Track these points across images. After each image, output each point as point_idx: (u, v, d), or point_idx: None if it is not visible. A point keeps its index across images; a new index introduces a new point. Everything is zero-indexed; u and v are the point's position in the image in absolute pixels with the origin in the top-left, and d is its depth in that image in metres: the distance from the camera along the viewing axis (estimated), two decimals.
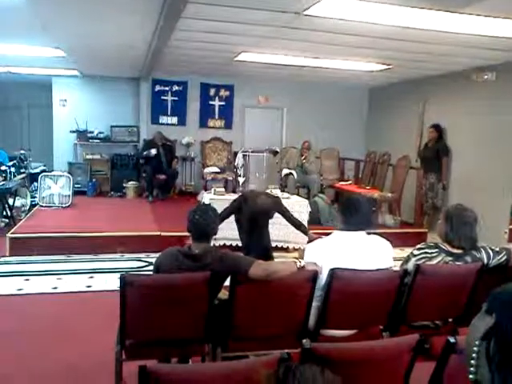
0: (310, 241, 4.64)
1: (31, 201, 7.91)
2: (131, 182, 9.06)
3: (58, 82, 9.44)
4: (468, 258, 2.68)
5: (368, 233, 2.72)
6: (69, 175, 7.90)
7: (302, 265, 2.60)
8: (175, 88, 9.50)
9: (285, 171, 8.61)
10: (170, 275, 2.54)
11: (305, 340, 1.72)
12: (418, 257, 2.72)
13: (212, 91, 9.66)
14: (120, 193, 9.07)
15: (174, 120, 9.61)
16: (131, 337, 2.50)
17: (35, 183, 8.06)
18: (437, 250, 2.71)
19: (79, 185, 8.79)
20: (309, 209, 6.27)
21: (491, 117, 6.69)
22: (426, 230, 7.16)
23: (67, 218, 7.02)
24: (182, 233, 2.84)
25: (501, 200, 6.27)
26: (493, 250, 2.75)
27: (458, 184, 7.25)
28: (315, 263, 2.58)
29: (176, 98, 9.54)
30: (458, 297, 2.71)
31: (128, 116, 9.55)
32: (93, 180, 9.12)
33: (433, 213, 7.34)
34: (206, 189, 8.22)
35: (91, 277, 5.11)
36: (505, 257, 2.75)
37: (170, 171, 8.83)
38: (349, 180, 8.92)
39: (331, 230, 2.81)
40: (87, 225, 6.47)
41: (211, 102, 9.70)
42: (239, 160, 7.85)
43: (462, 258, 2.68)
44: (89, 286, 4.84)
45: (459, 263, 2.67)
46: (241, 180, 6.89)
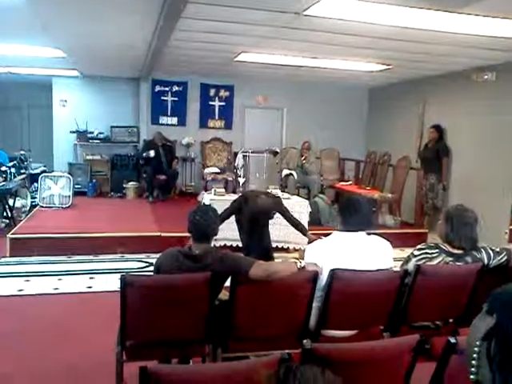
0: (310, 242, 4.66)
1: (31, 201, 7.91)
2: (131, 183, 9.06)
3: (58, 83, 9.44)
4: (468, 259, 2.68)
5: (368, 233, 2.72)
6: (69, 176, 7.91)
7: (303, 265, 2.60)
8: (175, 88, 9.50)
9: (285, 172, 8.62)
10: (171, 276, 2.54)
11: (305, 340, 1.72)
12: (419, 257, 2.72)
13: (212, 91, 9.66)
14: (120, 193, 9.06)
15: (174, 120, 9.61)
16: (132, 337, 2.50)
17: (35, 184, 8.05)
18: (437, 251, 2.71)
19: (79, 185, 8.79)
20: (309, 209, 6.27)
21: (491, 117, 6.69)
22: (427, 231, 7.16)
23: (67, 219, 7.02)
24: (183, 233, 2.84)
25: (501, 200, 6.27)
26: (493, 251, 2.75)
27: (459, 184, 7.25)
28: (315, 264, 2.59)
29: (176, 99, 9.54)
30: (459, 297, 2.71)
31: (128, 116, 9.54)
32: (93, 180, 9.11)
33: (433, 213, 7.33)
34: (207, 189, 8.22)
35: (92, 277, 5.11)
36: (505, 257, 2.75)
37: (170, 172, 8.83)
38: (349, 180, 8.93)
39: (331, 231, 2.81)
40: (87, 225, 6.47)
41: (211, 103, 9.70)
42: (239, 160, 7.86)
43: (463, 259, 2.68)
44: (89, 287, 4.84)
45: (460, 263, 2.67)
46: (241, 180, 6.89)
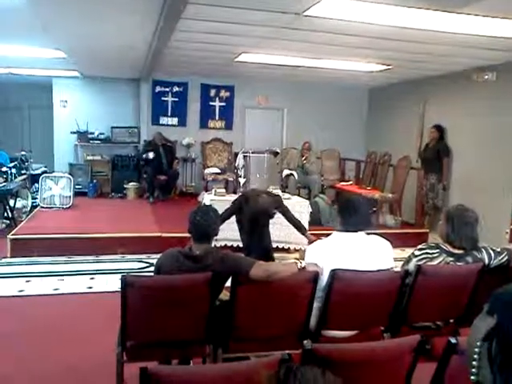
0: (310, 242, 4.66)
1: (32, 202, 7.90)
2: (132, 183, 9.05)
3: (59, 83, 9.44)
4: (469, 259, 2.68)
5: (367, 233, 2.72)
6: (69, 176, 7.91)
7: (303, 265, 2.60)
8: (175, 89, 9.50)
9: (285, 172, 8.61)
10: (171, 276, 2.54)
11: (306, 341, 1.72)
12: (419, 257, 2.72)
13: (212, 92, 9.66)
14: (121, 194, 9.06)
15: (175, 121, 9.61)
16: (132, 338, 2.50)
17: (36, 184, 8.06)
18: (438, 251, 2.70)
19: (80, 186, 8.80)
20: (309, 209, 6.27)
21: (492, 117, 6.68)
22: (427, 231, 7.15)
23: (68, 219, 7.02)
24: (183, 234, 2.83)
25: (502, 200, 6.27)
26: (494, 251, 2.74)
27: (459, 184, 7.24)
28: (316, 264, 2.58)
29: (176, 99, 9.54)
30: (459, 297, 2.70)
31: (128, 117, 9.55)
32: (93, 181, 9.11)
33: (433, 213, 7.33)
34: (207, 190, 8.22)
35: (92, 278, 5.11)
36: (506, 257, 2.75)
37: (171, 172, 8.83)
38: (349, 180, 8.92)
39: (332, 231, 2.81)
40: (88, 226, 6.46)
41: (211, 103, 9.70)
42: (240, 161, 7.85)
43: (463, 259, 2.68)
44: (90, 288, 4.84)
45: (460, 264, 2.67)
46: (241, 181, 6.88)
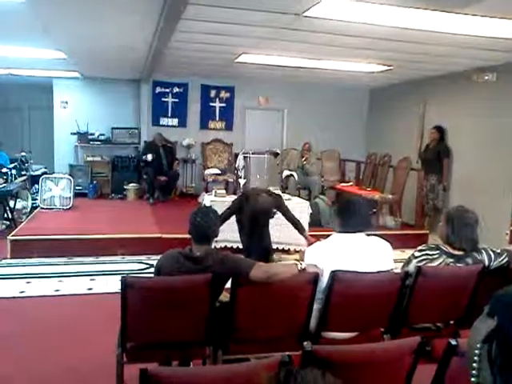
0: (309, 243, 4.65)
1: (32, 203, 7.90)
2: (132, 184, 9.05)
3: (59, 84, 9.45)
4: (469, 260, 2.68)
5: (367, 234, 2.71)
6: (70, 177, 7.91)
7: (303, 267, 2.59)
8: (176, 90, 9.51)
9: (285, 173, 8.61)
10: (171, 277, 2.54)
11: (306, 342, 1.71)
12: (419, 258, 2.72)
13: (212, 93, 9.67)
14: (121, 195, 9.06)
15: (175, 122, 9.61)
16: (132, 339, 2.50)
17: (36, 185, 8.06)
18: (438, 252, 2.70)
19: (80, 187, 8.80)
20: (310, 210, 6.27)
21: (492, 118, 6.68)
22: (427, 232, 7.15)
23: (68, 220, 7.02)
24: (183, 235, 2.83)
25: (502, 201, 6.27)
26: (494, 252, 2.74)
27: (459, 185, 7.24)
28: (316, 265, 2.58)
29: (176, 100, 9.55)
30: (460, 299, 2.70)
31: (129, 118, 9.55)
32: (93, 182, 9.12)
33: (434, 214, 7.33)
34: (207, 190, 8.22)
35: (92, 279, 5.11)
36: (506, 258, 2.74)
37: (171, 173, 8.83)
38: (350, 181, 8.92)
39: (332, 232, 2.81)
40: (88, 227, 6.46)
41: (212, 104, 9.71)
42: (240, 162, 7.85)
43: (463, 260, 2.68)
44: (90, 289, 4.84)
45: (460, 265, 2.67)
46: (241, 182, 6.89)
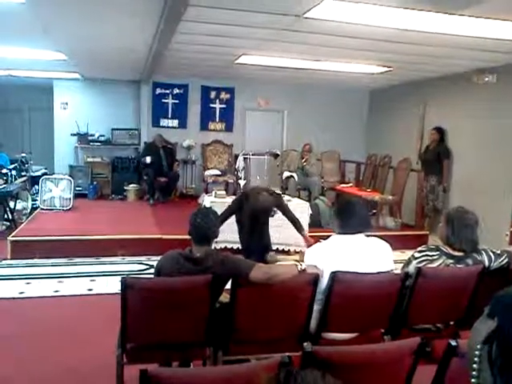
0: (307, 241, 4.65)
1: (32, 204, 7.90)
2: (132, 185, 9.05)
3: (59, 85, 9.45)
4: (469, 261, 2.68)
5: (367, 235, 2.71)
6: (70, 178, 7.91)
7: (303, 268, 2.59)
8: (176, 91, 9.51)
9: (285, 174, 8.62)
10: (171, 278, 2.54)
11: (306, 343, 1.71)
12: (419, 259, 2.72)
13: (213, 94, 9.67)
14: (121, 196, 9.06)
15: (175, 123, 9.61)
16: (132, 340, 2.50)
17: (36, 186, 8.06)
18: (438, 253, 2.70)
19: (80, 188, 8.80)
20: (310, 211, 6.27)
21: (492, 119, 6.68)
22: (427, 233, 7.15)
23: (68, 221, 7.02)
24: (183, 236, 2.83)
25: (502, 202, 6.26)
26: (494, 253, 2.74)
27: (459, 186, 7.24)
28: (316, 266, 2.58)
29: (177, 101, 9.55)
30: (460, 299, 2.70)
31: (129, 119, 9.55)
32: (94, 183, 9.12)
33: (434, 215, 7.33)
34: (207, 191, 8.22)
35: (92, 280, 5.10)
36: (506, 259, 2.75)
37: (171, 174, 8.83)
38: (350, 182, 8.93)
39: (332, 233, 2.81)
40: (88, 228, 6.46)
41: (212, 105, 9.71)
42: (240, 163, 7.85)
43: (463, 261, 2.68)
44: (90, 289, 4.84)
45: (460, 266, 2.67)
46: (242, 183, 6.89)
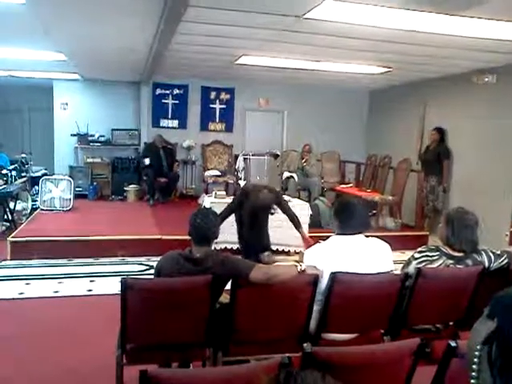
0: (307, 244, 4.64)
1: (32, 204, 7.90)
2: (132, 186, 9.05)
3: (59, 86, 9.45)
4: (469, 261, 2.68)
5: (366, 236, 2.71)
6: (70, 179, 7.91)
7: (303, 268, 2.59)
8: (176, 91, 9.51)
9: (285, 174, 8.61)
10: (171, 279, 2.54)
11: (306, 344, 1.71)
12: (419, 260, 2.72)
13: (213, 94, 9.67)
14: (121, 196, 9.05)
15: (175, 123, 9.62)
16: (132, 341, 2.50)
17: (36, 187, 8.06)
18: (438, 253, 2.70)
19: (80, 188, 8.80)
20: (310, 212, 6.27)
21: (492, 119, 6.68)
22: (427, 233, 7.15)
23: (68, 222, 7.01)
24: (183, 236, 2.83)
25: (502, 203, 6.27)
26: (494, 253, 2.74)
27: (459, 187, 7.24)
28: (315, 267, 2.58)
29: (177, 102, 9.55)
30: (459, 300, 2.70)
31: (129, 119, 9.55)
32: (94, 183, 9.12)
33: (434, 215, 7.33)
34: (207, 192, 8.22)
35: (92, 280, 5.10)
36: (506, 260, 2.75)
37: (171, 174, 8.83)
38: (350, 183, 8.92)
39: (332, 233, 2.80)
40: (88, 228, 6.46)
41: (212, 105, 9.71)
42: (240, 163, 7.85)
43: (463, 261, 2.68)
44: (90, 290, 4.84)
45: (460, 266, 2.67)
46: (242, 183, 6.89)
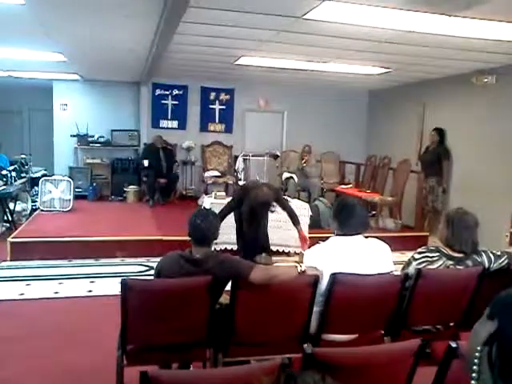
0: (303, 238, 4.65)
1: (32, 205, 7.91)
2: (132, 186, 9.04)
3: (59, 86, 9.45)
4: (469, 262, 2.68)
5: (365, 236, 2.71)
6: (69, 179, 7.91)
7: (303, 269, 2.59)
8: (175, 92, 9.51)
9: (285, 175, 8.61)
10: (171, 280, 2.54)
11: (306, 345, 1.72)
12: (419, 261, 2.72)
13: (212, 95, 9.67)
14: (121, 197, 9.06)
15: (175, 124, 9.62)
16: (132, 342, 2.49)
17: (36, 187, 8.06)
18: (438, 254, 2.70)
19: (80, 189, 8.79)
20: (310, 212, 6.27)
21: (491, 120, 6.69)
22: (427, 234, 7.15)
23: (68, 223, 7.01)
24: (183, 237, 2.83)
25: (501, 203, 6.26)
26: (494, 254, 2.74)
27: (459, 187, 7.24)
28: (315, 268, 2.58)
29: (176, 102, 9.55)
30: (459, 301, 2.70)
31: (128, 120, 9.55)
32: (93, 184, 9.11)
33: (433, 216, 7.33)
34: (207, 193, 8.22)
35: (92, 281, 5.10)
36: (506, 261, 2.75)
37: (171, 175, 8.84)
38: (349, 183, 8.93)
39: (332, 234, 2.80)
40: (88, 229, 6.46)
41: (211, 106, 9.71)
42: (240, 164, 7.87)
43: (463, 262, 2.68)
44: (90, 291, 4.84)
45: (460, 267, 2.67)
46: (241, 184, 6.89)
